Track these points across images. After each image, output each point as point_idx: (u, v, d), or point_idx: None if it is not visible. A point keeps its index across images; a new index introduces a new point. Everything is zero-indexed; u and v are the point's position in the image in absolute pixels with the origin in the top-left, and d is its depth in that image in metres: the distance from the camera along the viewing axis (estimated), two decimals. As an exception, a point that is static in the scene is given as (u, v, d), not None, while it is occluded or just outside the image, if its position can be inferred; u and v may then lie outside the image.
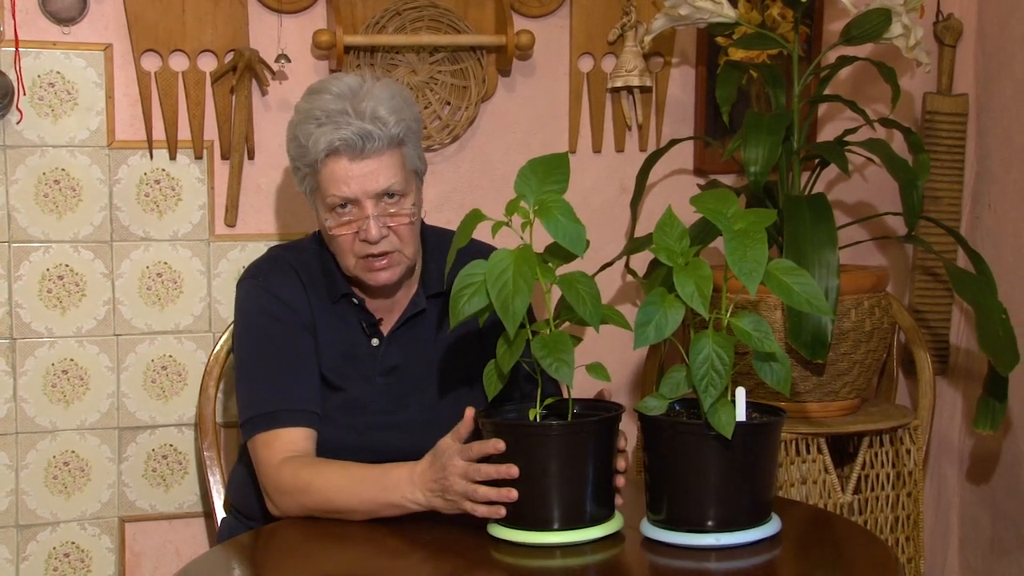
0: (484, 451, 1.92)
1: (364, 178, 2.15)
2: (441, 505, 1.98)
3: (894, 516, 2.62)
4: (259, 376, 2.22)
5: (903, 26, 2.56)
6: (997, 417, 2.53)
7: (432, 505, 1.99)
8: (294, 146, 2.21)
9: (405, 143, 2.20)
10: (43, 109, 2.58)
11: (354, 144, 2.13)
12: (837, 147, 2.55)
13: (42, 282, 2.61)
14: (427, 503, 1.99)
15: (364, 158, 2.14)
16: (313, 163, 2.17)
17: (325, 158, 2.15)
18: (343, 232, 2.18)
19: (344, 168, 2.15)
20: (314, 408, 2.21)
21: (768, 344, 1.86)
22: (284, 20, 2.67)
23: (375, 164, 2.15)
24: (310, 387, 2.22)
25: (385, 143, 2.15)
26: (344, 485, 2.06)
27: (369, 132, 2.13)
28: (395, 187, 2.17)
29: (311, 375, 2.22)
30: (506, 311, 1.83)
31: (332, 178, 2.16)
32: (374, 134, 2.13)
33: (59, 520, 2.66)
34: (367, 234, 2.16)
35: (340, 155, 2.14)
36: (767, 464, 1.90)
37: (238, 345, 2.29)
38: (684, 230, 1.89)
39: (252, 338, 2.25)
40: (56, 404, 2.63)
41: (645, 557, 1.90)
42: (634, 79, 2.81)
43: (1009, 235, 2.90)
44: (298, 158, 2.21)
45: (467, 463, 1.92)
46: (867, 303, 2.52)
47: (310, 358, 2.23)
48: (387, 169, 2.16)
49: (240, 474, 2.41)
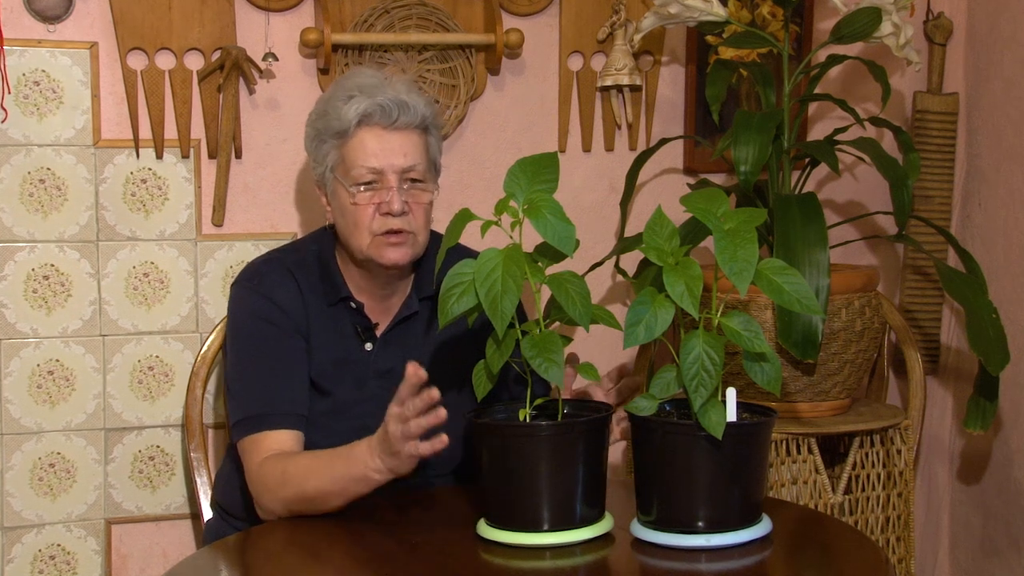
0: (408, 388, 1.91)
1: (392, 152, 2.20)
2: (395, 464, 1.97)
3: (885, 516, 2.62)
4: (247, 379, 2.22)
5: (893, 25, 2.56)
6: (988, 417, 2.54)
7: (390, 468, 1.98)
8: (322, 121, 2.25)
9: (430, 132, 2.27)
10: (28, 108, 2.56)
11: (389, 111, 2.19)
12: (827, 146, 2.55)
13: (27, 282, 2.60)
14: (386, 468, 1.99)
15: (395, 129, 2.20)
16: (343, 131, 2.21)
17: (357, 126, 2.20)
18: (365, 203, 2.20)
19: (376, 136, 2.20)
20: (301, 411, 2.21)
21: (758, 344, 1.85)
22: (271, 18, 2.66)
23: (404, 139, 2.21)
24: (298, 390, 2.22)
25: (417, 120, 2.22)
26: (314, 466, 2.07)
27: (404, 102, 2.20)
28: (419, 168, 2.22)
29: (300, 378, 2.22)
30: (495, 311, 1.83)
31: (361, 148, 2.20)
32: (409, 105, 2.21)
33: (44, 522, 2.64)
34: (390, 206, 2.18)
35: (373, 123, 2.20)
36: (758, 464, 1.90)
37: (229, 349, 2.29)
38: (674, 229, 1.89)
39: (242, 342, 2.26)
40: (42, 405, 2.62)
41: (635, 558, 1.90)
42: (624, 78, 2.81)
43: (999, 234, 2.91)
44: (325, 130, 2.24)
45: (399, 407, 1.92)
46: (857, 303, 2.51)
47: (300, 361, 2.23)
48: (414, 148, 2.22)
49: (227, 472, 2.41)
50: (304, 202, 2.74)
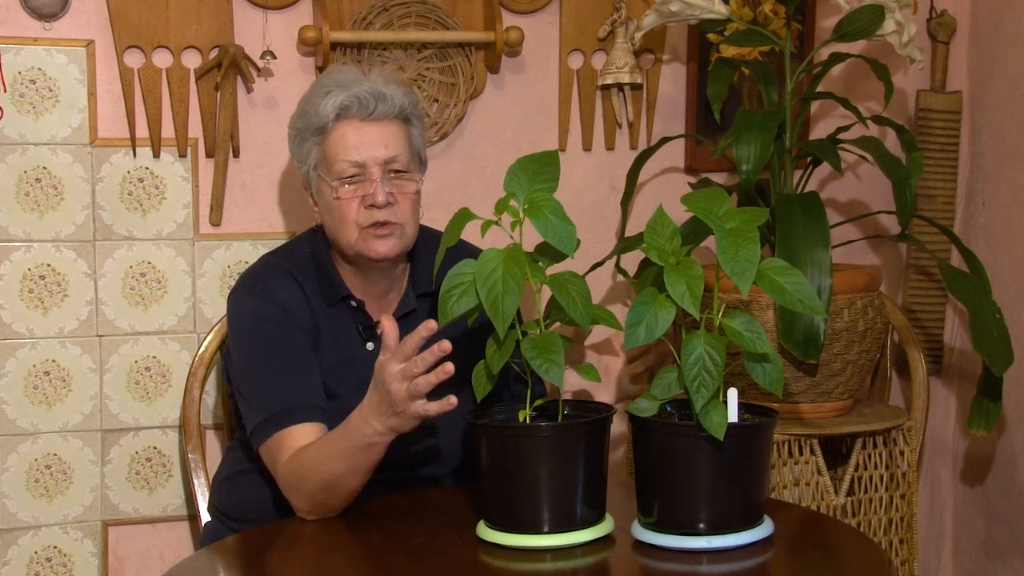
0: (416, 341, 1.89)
1: (373, 144, 2.20)
2: (397, 423, 1.95)
3: (887, 518, 2.62)
4: (260, 381, 2.19)
5: (896, 23, 2.56)
6: (991, 418, 2.54)
7: (391, 427, 1.96)
8: (301, 119, 2.25)
9: (411, 122, 2.26)
10: (24, 106, 2.55)
11: (366, 103, 2.19)
12: (830, 145, 2.55)
13: (23, 282, 2.58)
14: (386, 428, 1.96)
15: (374, 120, 2.20)
16: (322, 127, 2.21)
17: (335, 120, 2.20)
18: (348, 196, 2.19)
19: (355, 129, 2.20)
20: (320, 402, 2.18)
21: (760, 344, 1.85)
22: (269, 16, 2.65)
23: (384, 130, 2.21)
24: (313, 381, 2.20)
25: (395, 110, 2.22)
26: (324, 448, 2.05)
27: (381, 93, 2.21)
28: (401, 159, 2.21)
29: (313, 370, 2.21)
30: (496, 311, 1.83)
31: (342, 142, 2.20)
32: (386, 95, 2.21)
33: (41, 524, 2.63)
34: (374, 198, 2.18)
35: (351, 116, 2.20)
36: (759, 466, 1.90)
37: (237, 357, 2.25)
38: (675, 229, 1.89)
39: (248, 345, 2.23)
40: (38, 406, 2.61)
41: (636, 560, 1.90)
42: (624, 76, 2.81)
43: (1003, 234, 2.90)
44: (305, 128, 2.24)
45: (402, 364, 1.90)
46: (860, 303, 2.51)
47: (309, 356, 2.22)
48: (395, 139, 2.22)
49: (224, 475, 2.40)
50: (302, 201, 2.70)
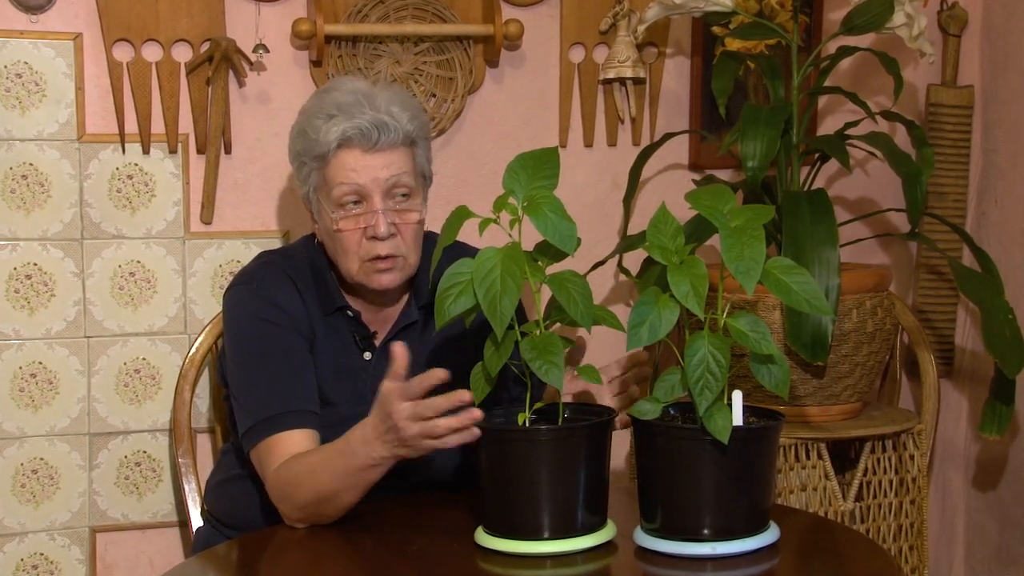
0: (425, 386, 1.87)
1: (375, 169, 2.16)
2: (407, 453, 1.94)
3: (897, 524, 2.62)
4: (254, 383, 2.18)
5: (906, 15, 2.55)
6: (1004, 421, 2.54)
7: (398, 455, 1.94)
8: (301, 141, 2.23)
9: (417, 144, 2.24)
10: (10, 101, 2.53)
11: (369, 134, 2.16)
12: (838, 141, 2.55)
13: (9, 282, 2.56)
14: (392, 455, 1.94)
15: (377, 151, 2.17)
16: (323, 155, 2.18)
17: (336, 149, 2.17)
18: (350, 228, 2.18)
19: (356, 159, 2.17)
20: (314, 408, 2.17)
21: (766, 345, 1.86)
22: (262, 8, 2.64)
23: (387, 159, 2.18)
24: (308, 386, 2.18)
25: (400, 138, 2.18)
26: (321, 463, 2.03)
27: (384, 123, 2.16)
28: (404, 180, 2.19)
29: (308, 375, 2.19)
30: (494, 312, 1.83)
31: (342, 168, 2.17)
32: (389, 125, 2.17)
33: (27, 530, 2.62)
34: (376, 230, 2.16)
35: (352, 146, 2.17)
36: (765, 470, 1.89)
37: (230, 355, 2.24)
38: (679, 227, 1.89)
39: (244, 344, 2.22)
40: (24, 409, 2.59)
41: (638, 567, 1.90)
42: (627, 70, 2.80)
43: (1016, 232, 2.90)
44: (304, 152, 2.22)
45: (412, 404, 1.88)
46: (869, 303, 2.49)
47: (306, 360, 2.20)
48: (398, 163, 2.19)
49: (218, 479, 2.38)
50: (296, 199, 2.70)
